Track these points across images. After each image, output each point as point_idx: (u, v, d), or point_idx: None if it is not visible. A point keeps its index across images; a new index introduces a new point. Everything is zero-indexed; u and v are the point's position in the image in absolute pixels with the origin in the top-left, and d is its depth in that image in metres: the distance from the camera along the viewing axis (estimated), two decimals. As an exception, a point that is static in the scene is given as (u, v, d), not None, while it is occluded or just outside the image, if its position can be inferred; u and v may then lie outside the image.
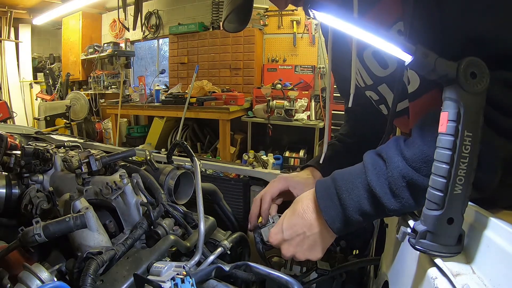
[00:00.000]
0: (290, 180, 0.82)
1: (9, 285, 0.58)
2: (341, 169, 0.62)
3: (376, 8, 0.62)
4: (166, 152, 0.99)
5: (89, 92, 6.39)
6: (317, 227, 0.62)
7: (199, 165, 0.88)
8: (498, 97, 0.44)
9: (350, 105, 0.70)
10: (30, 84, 7.02)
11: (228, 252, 0.80)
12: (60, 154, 0.95)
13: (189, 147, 0.91)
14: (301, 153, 4.37)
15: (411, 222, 0.50)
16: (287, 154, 4.38)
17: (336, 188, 0.59)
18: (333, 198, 0.60)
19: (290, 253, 0.66)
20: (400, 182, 0.51)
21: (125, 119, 6.12)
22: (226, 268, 0.66)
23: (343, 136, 0.95)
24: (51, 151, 0.94)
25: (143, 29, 5.97)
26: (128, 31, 5.34)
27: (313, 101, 4.52)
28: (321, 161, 0.84)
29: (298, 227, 0.64)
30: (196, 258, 0.68)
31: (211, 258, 0.72)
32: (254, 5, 0.74)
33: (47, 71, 6.90)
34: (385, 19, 0.61)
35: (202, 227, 0.73)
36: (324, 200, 0.61)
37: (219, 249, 0.77)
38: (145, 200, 0.79)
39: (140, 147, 4.75)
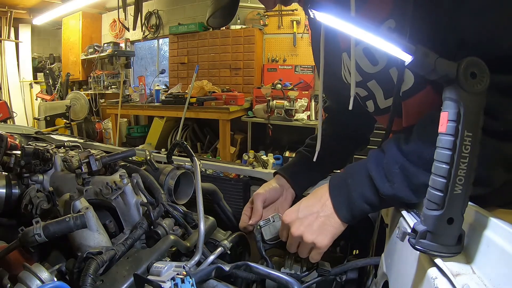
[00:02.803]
0: (264, 194, 0.87)
1: (9, 285, 0.58)
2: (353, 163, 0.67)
3: (366, 5, 0.63)
4: (166, 152, 0.99)
5: (89, 92, 6.39)
6: (330, 209, 0.65)
7: (199, 165, 0.88)
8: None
9: (350, 107, 0.72)
10: (30, 84, 7.02)
11: (228, 252, 0.79)
12: (60, 154, 0.95)
13: (189, 147, 0.91)
14: (301, 153, 4.36)
15: (411, 222, 0.50)
16: (287, 154, 4.37)
17: (344, 177, 0.65)
18: (341, 185, 0.65)
19: (299, 232, 0.67)
20: (393, 168, 0.56)
21: (125, 119, 6.12)
22: (226, 268, 0.66)
23: (311, 140, 1.00)
24: (51, 151, 0.94)
25: (143, 29, 5.97)
26: (128, 31, 5.34)
27: (313, 101, 4.52)
28: (314, 159, 0.86)
29: (313, 207, 0.67)
30: (196, 258, 0.68)
31: (211, 258, 0.72)
32: (255, 5, 0.75)
33: (47, 71, 6.90)
34: (376, 17, 0.62)
35: (202, 227, 0.73)
36: (334, 187, 0.66)
37: (219, 249, 0.77)
38: (145, 200, 0.79)
39: (140, 147, 4.76)
